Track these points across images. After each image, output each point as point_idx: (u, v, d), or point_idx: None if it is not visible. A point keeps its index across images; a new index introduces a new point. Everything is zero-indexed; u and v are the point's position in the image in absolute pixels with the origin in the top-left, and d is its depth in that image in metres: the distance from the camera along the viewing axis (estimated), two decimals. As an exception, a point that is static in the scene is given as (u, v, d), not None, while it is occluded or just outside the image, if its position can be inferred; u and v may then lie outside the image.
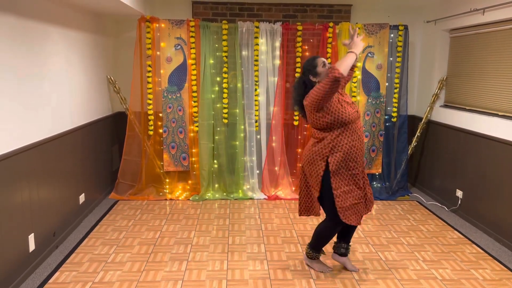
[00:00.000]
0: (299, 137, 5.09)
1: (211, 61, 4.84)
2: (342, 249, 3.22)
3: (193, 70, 4.82)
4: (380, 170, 5.16)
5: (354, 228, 3.20)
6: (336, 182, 2.89)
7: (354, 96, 4.98)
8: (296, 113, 4.93)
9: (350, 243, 3.27)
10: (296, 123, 5.03)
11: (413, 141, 5.24)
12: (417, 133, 5.20)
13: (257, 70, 4.88)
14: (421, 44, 5.35)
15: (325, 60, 2.99)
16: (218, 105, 4.95)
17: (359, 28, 2.55)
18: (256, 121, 5.00)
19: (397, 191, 5.15)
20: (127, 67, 5.01)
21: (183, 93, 4.87)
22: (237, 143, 4.98)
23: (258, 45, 4.83)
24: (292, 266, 3.31)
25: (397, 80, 5.04)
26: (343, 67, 2.75)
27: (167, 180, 5.02)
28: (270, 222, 4.24)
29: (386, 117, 5.11)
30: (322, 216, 3.19)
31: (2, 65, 2.78)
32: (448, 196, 4.73)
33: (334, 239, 3.29)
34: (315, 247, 3.20)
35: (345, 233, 3.18)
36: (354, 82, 4.95)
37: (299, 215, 3.22)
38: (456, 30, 4.76)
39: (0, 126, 2.75)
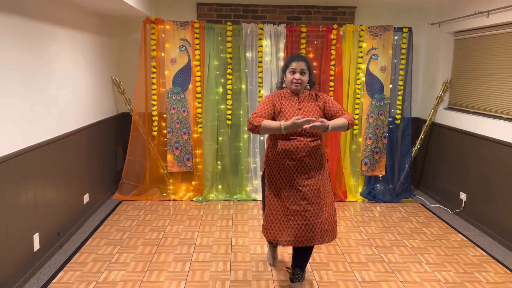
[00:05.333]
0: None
1: (215, 63, 4.86)
2: (290, 275, 2.95)
3: (198, 71, 4.84)
4: (383, 172, 5.15)
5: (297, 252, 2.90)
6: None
7: (358, 98, 4.98)
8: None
9: (297, 270, 2.89)
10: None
11: (417, 144, 5.23)
12: (421, 136, 5.19)
13: (261, 72, 4.89)
14: (425, 47, 5.35)
15: (300, 69, 2.73)
16: (222, 106, 4.96)
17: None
18: (259, 123, 5.00)
19: (400, 193, 5.15)
20: (132, 68, 5.03)
21: (187, 94, 4.89)
22: (240, 144, 4.99)
23: (262, 46, 4.84)
24: (295, 268, 3.31)
25: (401, 82, 5.03)
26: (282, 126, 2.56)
27: (171, 181, 5.04)
28: (273, 224, 4.24)
29: (390, 119, 5.11)
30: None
31: (9, 66, 2.80)
32: (452, 199, 4.72)
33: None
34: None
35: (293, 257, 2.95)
36: (358, 84, 4.96)
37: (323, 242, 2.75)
38: (461, 32, 4.75)
39: (6, 127, 2.78)
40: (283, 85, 2.85)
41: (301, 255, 2.86)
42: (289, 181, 2.70)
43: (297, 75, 2.71)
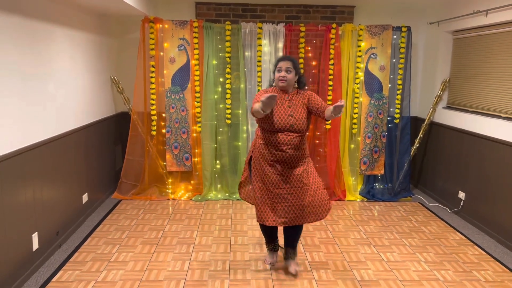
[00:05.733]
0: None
1: (214, 62, 4.86)
2: (283, 254, 3.31)
3: (196, 70, 4.84)
4: (382, 171, 5.16)
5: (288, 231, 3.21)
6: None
7: (357, 97, 4.99)
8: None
9: (289, 249, 3.25)
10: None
11: (416, 143, 5.24)
12: (420, 135, 5.20)
13: (260, 71, 4.89)
14: (424, 46, 5.36)
15: (286, 67, 3.00)
16: (221, 106, 4.97)
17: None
18: (258, 122, 5.01)
19: (399, 192, 5.15)
20: (130, 68, 5.03)
21: (186, 94, 4.89)
22: (239, 143, 4.99)
23: (261, 46, 4.84)
24: (294, 267, 3.32)
25: (400, 82, 5.04)
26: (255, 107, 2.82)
27: (170, 180, 5.04)
28: (272, 223, 4.25)
29: (388, 118, 5.11)
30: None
31: (8, 65, 2.80)
32: (451, 198, 4.73)
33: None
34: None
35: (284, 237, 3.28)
36: (357, 84, 4.96)
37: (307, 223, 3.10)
38: (459, 31, 4.76)
39: (5, 126, 2.78)
40: (273, 84, 3.15)
41: (290, 235, 3.19)
42: (274, 168, 2.99)
43: (282, 73, 3.01)
